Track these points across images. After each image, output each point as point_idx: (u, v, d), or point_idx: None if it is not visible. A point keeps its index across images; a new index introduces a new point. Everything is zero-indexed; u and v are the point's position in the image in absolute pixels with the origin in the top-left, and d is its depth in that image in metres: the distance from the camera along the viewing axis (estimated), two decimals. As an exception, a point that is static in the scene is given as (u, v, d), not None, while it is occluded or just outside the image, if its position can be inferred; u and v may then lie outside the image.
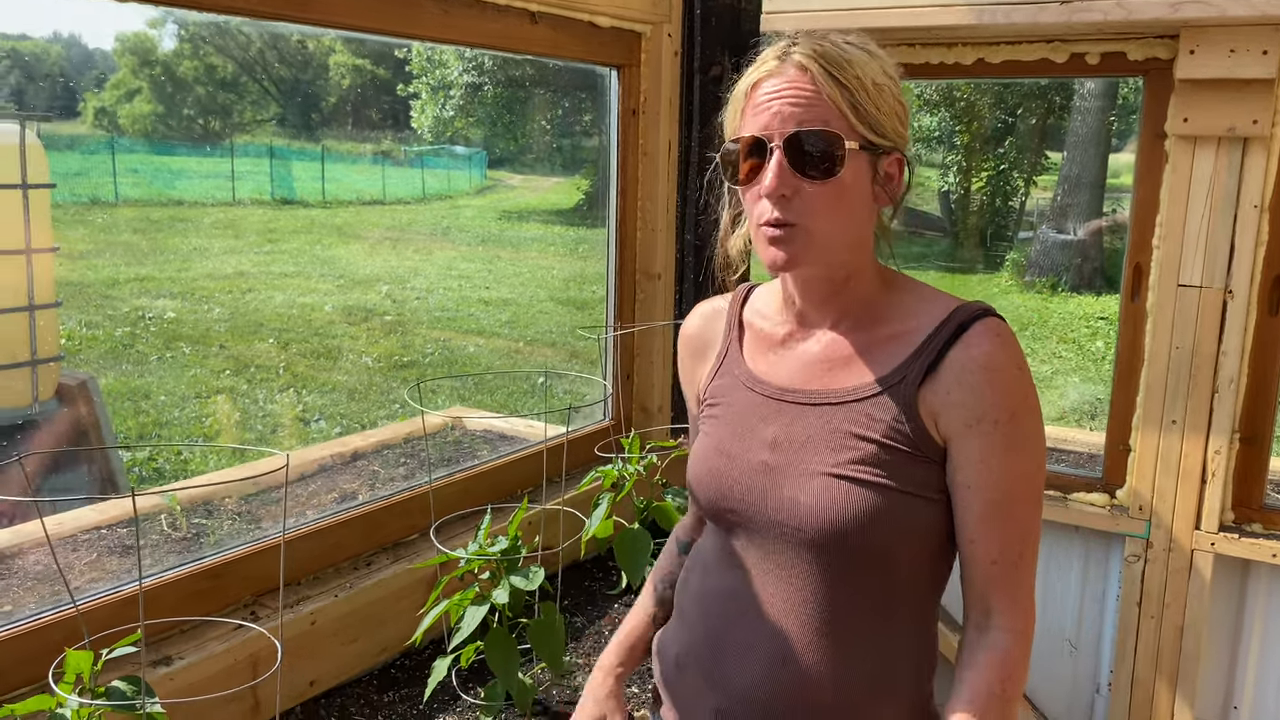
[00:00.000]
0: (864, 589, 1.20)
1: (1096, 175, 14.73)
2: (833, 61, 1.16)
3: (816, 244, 1.18)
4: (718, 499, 1.27)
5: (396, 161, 28.21)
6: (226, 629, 1.85)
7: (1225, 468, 2.40)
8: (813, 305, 1.27)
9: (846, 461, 1.18)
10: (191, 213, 17.27)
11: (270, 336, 8.82)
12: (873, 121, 1.17)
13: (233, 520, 2.57)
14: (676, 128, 2.86)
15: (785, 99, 1.16)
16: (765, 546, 1.23)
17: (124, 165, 21.59)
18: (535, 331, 9.99)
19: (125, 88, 32.45)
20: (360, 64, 32.84)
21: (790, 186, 1.15)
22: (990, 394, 1.16)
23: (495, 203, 23.33)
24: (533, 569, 1.87)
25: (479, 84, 21.68)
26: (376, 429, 3.20)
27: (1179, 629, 2.48)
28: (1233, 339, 2.35)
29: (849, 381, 1.22)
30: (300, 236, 15.37)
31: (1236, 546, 2.40)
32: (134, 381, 7.24)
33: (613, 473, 2.40)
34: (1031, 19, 2.32)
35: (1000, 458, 1.17)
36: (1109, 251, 14.24)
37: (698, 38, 2.85)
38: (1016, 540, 1.19)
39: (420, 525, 2.32)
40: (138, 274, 11.00)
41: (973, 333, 1.18)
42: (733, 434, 1.29)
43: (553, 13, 2.44)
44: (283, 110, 33.31)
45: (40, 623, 1.64)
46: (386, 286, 11.54)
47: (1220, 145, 2.30)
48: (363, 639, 2.08)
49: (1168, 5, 2.18)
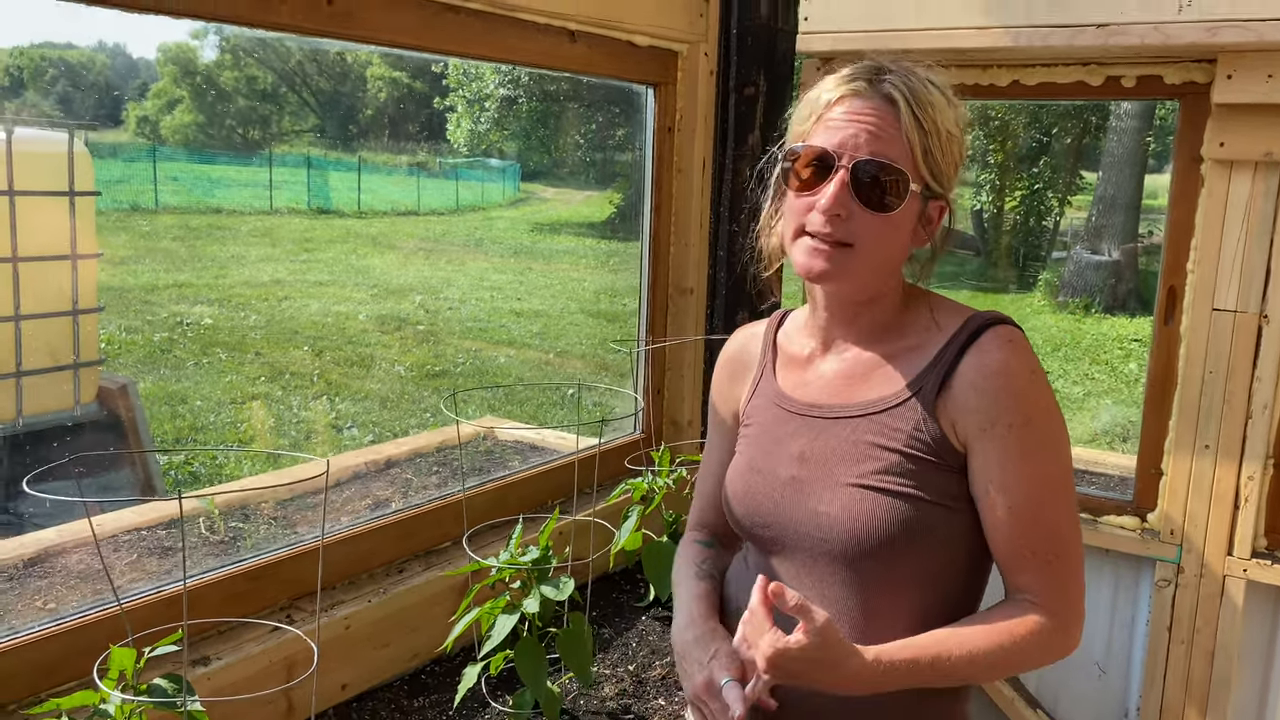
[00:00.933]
0: (897, 602, 1.22)
1: (1132, 196, 14.61)
2: (920, 102, 1.19)
3: (854, 266, 1.21)
4: (751, 515, 1.30)
5: (431, 173, 28.44)
6: (263, 631, 1.89)
7: (1259, 493, 2.39)
8: (838, 323, 1.30)
9: (870, 472, 1.20)
10: (230, 221, 17.52)
11: (305, 344, 8.92)
12: (936, 168, 1.20)
13: (269, 525, 2.62)
14: (711, 145, 2.89)
15: (865, 124, 1.18)
16: (798, 561, 1.25)
17: (164, 173, 21.93)
18: (565, 343, 10.04)
19: (167, 97, 32.97)
20: (397, 76, 33.19)
21: (846, 208, 1.18)
22: (1004, 399, 1.18)
23: (528, 215, 23.47)
24: (563, 579, 1.89)
25: (514, 97, 21.86)
26: (410, 437, 3.25)
27: (1210, 655, 2.46)
28: (1268, 364, 2.34)
29: (870, 394, 1.25)
30: (336, 246, 15.55)
31: (1270, 573, 2.38)
32: (171, 386, 7.35)
33: (642, 485, 2.43)
34: (1068, 42, 2.33)
35: (1017, 462, 1.18)
36: (1144, 273, 14.11)
37: (733, 57, 2.88)
38: (1047, 540, 1.20)
39: (452, 534, 2.35)
40: (176, 280, 11.17)
41: (985, 339, 1.21)
42: (763, 451, 1.32)
43: (591, 31, 2.48)
44: (321, 121, 33.71)
45: (85, 620, 1.68)
46: (420, 296, 11.64)
47: (1257, 170, 2.30)
48: (395, 644, 2.11)
49: (1205, 30, 2.18)
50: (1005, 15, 2.38)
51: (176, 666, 1.69)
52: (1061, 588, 1.21)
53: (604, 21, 2.46)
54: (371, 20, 1.98)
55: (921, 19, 2.50)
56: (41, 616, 1.87)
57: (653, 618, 2.47)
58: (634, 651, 2.31)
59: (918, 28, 2.50)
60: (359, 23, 1.95)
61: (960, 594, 1.26)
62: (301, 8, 1.83)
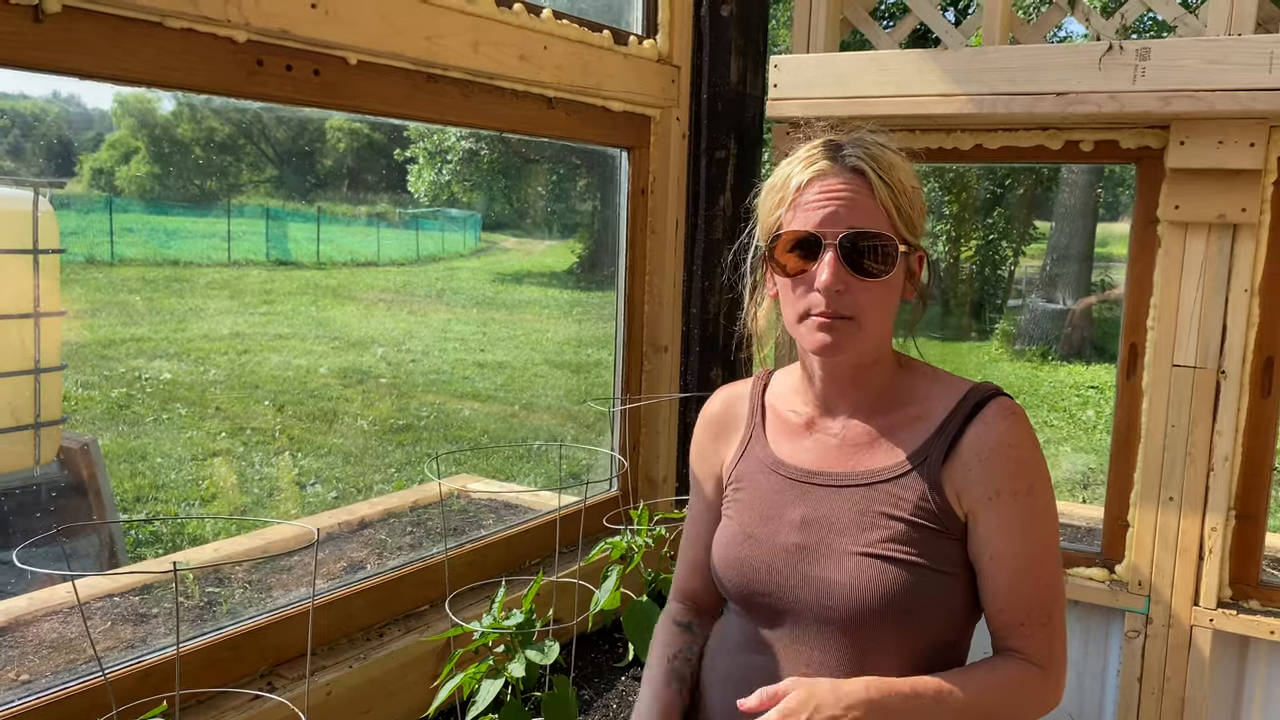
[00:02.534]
0: (891, 666, 1.24)
1: (1084, 246, 14.96)
2: (883, 166, 1.24)
3: (864, 335, 1.25)
4: (747, 584, 1.32)
5: (391, 223, 28.38)
6: (242, 700, 1.87)
7: (1222, 544, 2.45)
8: (837, 391, 1.33)
9: (878, 540, 1.23)
10: (188, 273, 17.37)
11: (266, 398, 8.84)
12: (910, 224, 1.25)
13: (244, 589, 2.59)
14: (683, 206, 2.94)
15: (840, 200, 1.23)
16: (795, 628, 1.27)
17: (120, 225, 21.70)
18: (531, 395, 10.03)
19: (123, 148, 32.74)
20: (356, 128, 33.22)
21: (843, 282, 1.22)
22: (1009, 468, 1.23)
23: (489, 265, 23.49)
24: (547, 643, 1.89)
25: (476, 150, 21.98)
26: (383, 497, 3.23)
27: (1180, 704, 2.51)
28: (1226, 418, 2.41)
29: (874, 463, 1.28)
30: (296, 298, 15.46)
31: (1235, 623, 2.44)
32: (130, 443, 7.24)
33: (621, 544, 2.44)
34: (1029, 109, 2.42)
35: (1020, 527, 1.23)
36: (1098, 320, 14.40)
37: (704, 121, 2.95)
38: (1043, 602, 1.24)
39: (430, 596, 2.34)
40: (134, 334, 11.04)
41: (989, 411, 1.26)
42: (759, 518, 1.33)
43: (568, 98, 2.53)
44: (279, 172, 33.61)
45: (68, 691, 1.66)
46: (382, 349, 11.59)
47: (1211, 231, 2.39)
48: (375, 710, 2.09)
49: (1159, 99, 2.28)
50: (969, 84, 2.46)
51: (159, 739, 1.67)
52: (1050, 646, 1.25)
53: (580, 89, 2.51)
54: (356, 91, 2.01)
55: (887, 86, 2.58)
56: (16, 688, 1.84)
57: (632, 678, 2.47)
58: (615, 713, 2.31)
59: (883, 94, 2.58)
60: (344, 93, 1.99)
61: (949, 657, 1.29)
62: (290, 80, 1.86)
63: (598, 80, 2.54)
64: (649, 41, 2.76)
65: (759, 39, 3.00)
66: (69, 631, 2.19)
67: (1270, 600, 2.49)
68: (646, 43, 2.75)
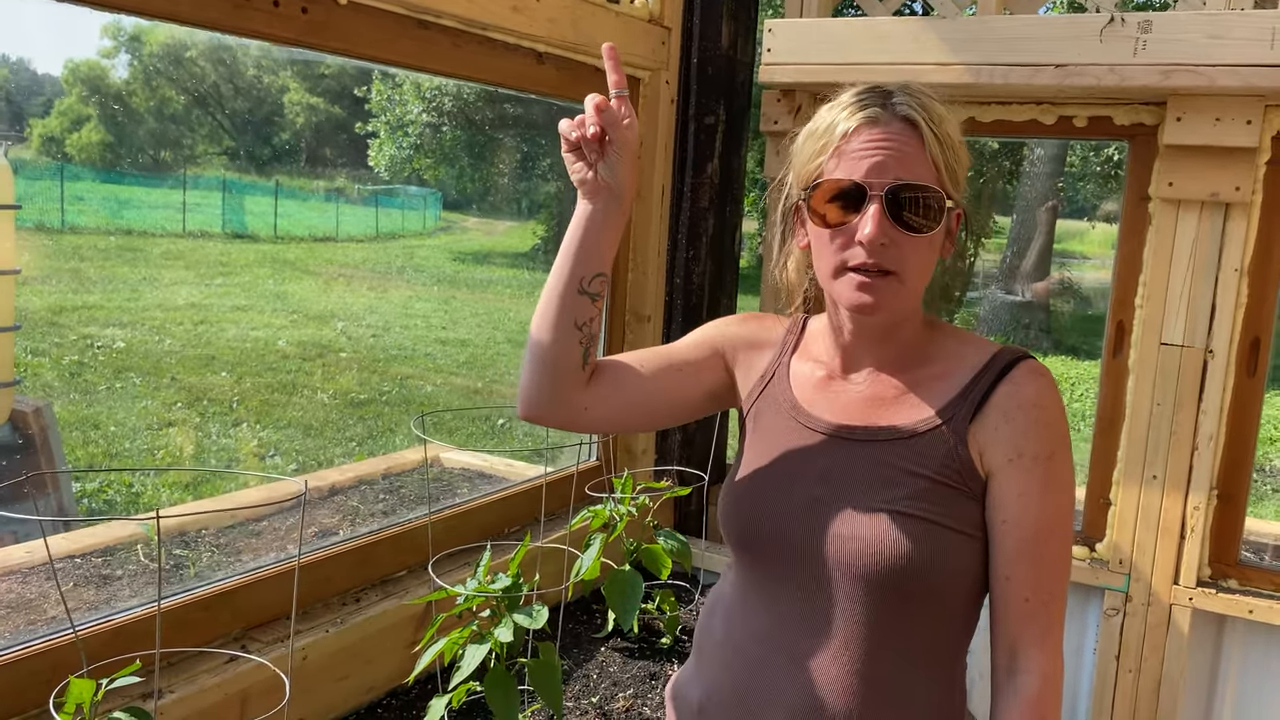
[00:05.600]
0: (905, 632, 1.20)
1: (1045, 238, 15.12)
2: (935, 118, 1.18)
3: (904, 292, 1.19)
4: (754, 533, 1.26)
5: (350, 199, 28.03)
6: (217, 661, 1.80)
7: (1203, 524, 2.45)
8: (865, 346, 1.29)
9: (902, 497, 1.18)
10: (141, 242, 16.99)
11: (223, 369, 8.66)
12: (955, 179, 1.20)
13: (211, 552, 2.51)
14: (670, 173, 2.89)
15: (888, 150, 1.17)
16: (807, 586, 1.22)
17: (70, 192, 21.20)
18: (494, 373, 9.93)
19: (74, 115, 31.97)
20: (315, 102, 32.74)
21: (887, 235, 1.16)
22: (1035, 430, 1.19)
23: (449, 244, 23.27)
24: (536, 607, 1.84)
25: (438, 124, 21.73)
26: (354, 463, 3.15)
27: (1157, 682, 2.51)
28: (1212, 398, 2.41)
29: (899, 419, 1.24)
30: (252, 270, 15.18)
31: (1214, 602, 2.45)
32: (83, 410, 7.05)
33: (604, 513, 2.39)
34: (1026, 81, 2.39)
35: (1038, 494, 1.19)
36: (1054, 313, 14.57)
37: (693, 86, 2.89)
38: (1049, 578, 1.21)
39: (408, 562, 2.28)
40: (86, 301, 10.76)
41: (1019, 371, 1.22)
42: (776, 466, 1.29)
43: (558, 54, 2.46)
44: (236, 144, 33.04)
45: (27, 651, 1.58)
46: (342, 323, 11.42)
47: (1203, 210, 2.38)
48: (353, 676, 2.03)
49: (1160, 73, 2.26)
50: (967, 53, 2.43)
51: (129, 700, 1.59)
52: (1050, 630, 1.21)
53: (571, 45, 2.44)
54: (344, 32, 1.93)
55: (882, 54, 2.54)
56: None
57: (612, 648, 2.43)
58: (595, 683, 2.26)
59: (879, 62, 2.54)
60: (332, 34, 1.91)
61: (962, 619, 1.26)
62: (277, 17, 1.78)
63: (589, 37, 2.48)
64: (640, 0, 2.70)
65: (751, 4, 2.94)
66: (27, 592, 2.10)
67: (1248, 579, 2.50)
68: (638, 1, 2.69)
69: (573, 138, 1.23)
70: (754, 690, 1.26)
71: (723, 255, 3.00)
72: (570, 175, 1.26)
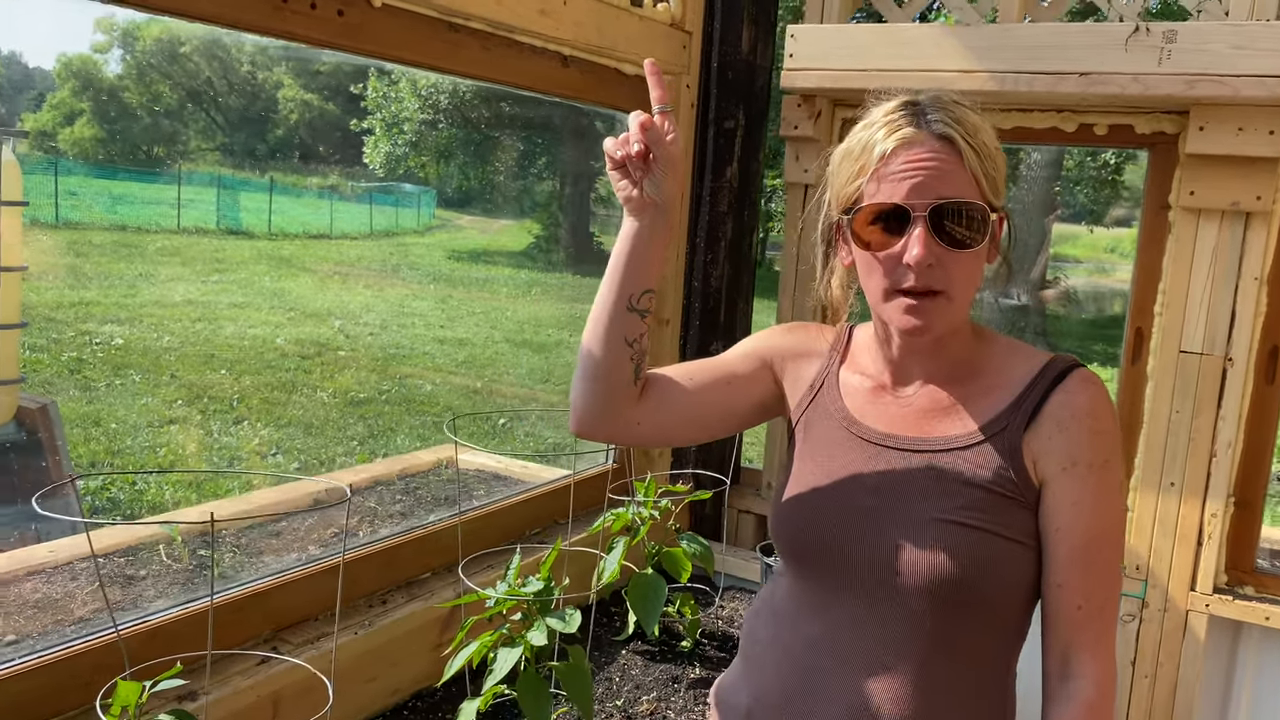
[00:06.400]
0: (958, 640, 1.21)
1: (1040, 242, 15.18)
2: (969, 129, 1.18)
3: (953, 309, 1.20)
4: (815, 542, 1.27)
5: (344, 196, 27.96)
6: (249, 663, 1.80)
7: (1220, 531, 2.47)
8: (915, 360, 1.29)
9: (958, 507, 1.19)
10: (136, 238, 16.93)
11: (222, 367, 8.64)
12: (995, 188, 1.21)
13: (233, 553, 2.50)
14: (690, 177, 2.89)
15: (928, 169, 1.17)
16: (863, 595, 1.23)
17: (63, 187, 21.10)
18: (494, 372, 9.92)
19: (66, 109, 31.84)
20: (309, 99, 32.67)
21: (934, 256, 1.17)
22: (1088, 439, 1.20)
23: (443, 242, 23.24)
24: (568, 611, 1.85)
25: (434, 121, 21.70)
26: (369, 464, 3.15)
27: (1173, 688, 2.53)
28: (1231, 405, 2.43)
29: (953, 430, 1.24)
30: (248, 267, 15.14)
31: (1230, 608, 2.46)
32: (83, 408, 7.03)
33: (625, 516, 2.40)
34: (1050, 88, 2.40)
35: (1091, 502, 1.20)
36: (1050, 317, 14.61)
37: (713, 90, 2.90)
38: (1101, 586, 1.21)
39: (433, 564, 2.28)
40: (83, 298, 10.73)
41: (1072, 380, 1.23)
42: (829, 476, 1.29)
43: (583, 57, 2.47)
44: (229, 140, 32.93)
45: (71, 650, 1.57)
46: (339, 321, 11.40)
47: (1224, 218, 2.40)
48: (381, 678, 2.03)
49: (1184, 82, 2.27)
50: (991, 61, 2.44)
51: (167, 701, 1.59)
52: (1103, 639, 1.22)
53: (596, 48, 2.45)
54: (378, 35, 1.93)
55: (906, 60, 2.55)
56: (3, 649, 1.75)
57: (633, 651, 2.43)
58: (618, 686, 2.27)
59: (902, 68, 2.55)
60: (366, 37, 1.91)
61: (1015, 627, 1.27)
62: (314, 19, 1.78)
63: (612, 41, 2.48)
64: (663, 5, 2.70)
65: (771, 9, 2.95)
66: (53, 592, 2.10)
67: (1264, 586, 2.51)
68: (660, 5, 2.69)
69: (618, 156, 1.23)
70: (804, 694, 1.27)
71: (740, 259, 3.00)
72: (616, 193, 1.26)
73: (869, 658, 1.22)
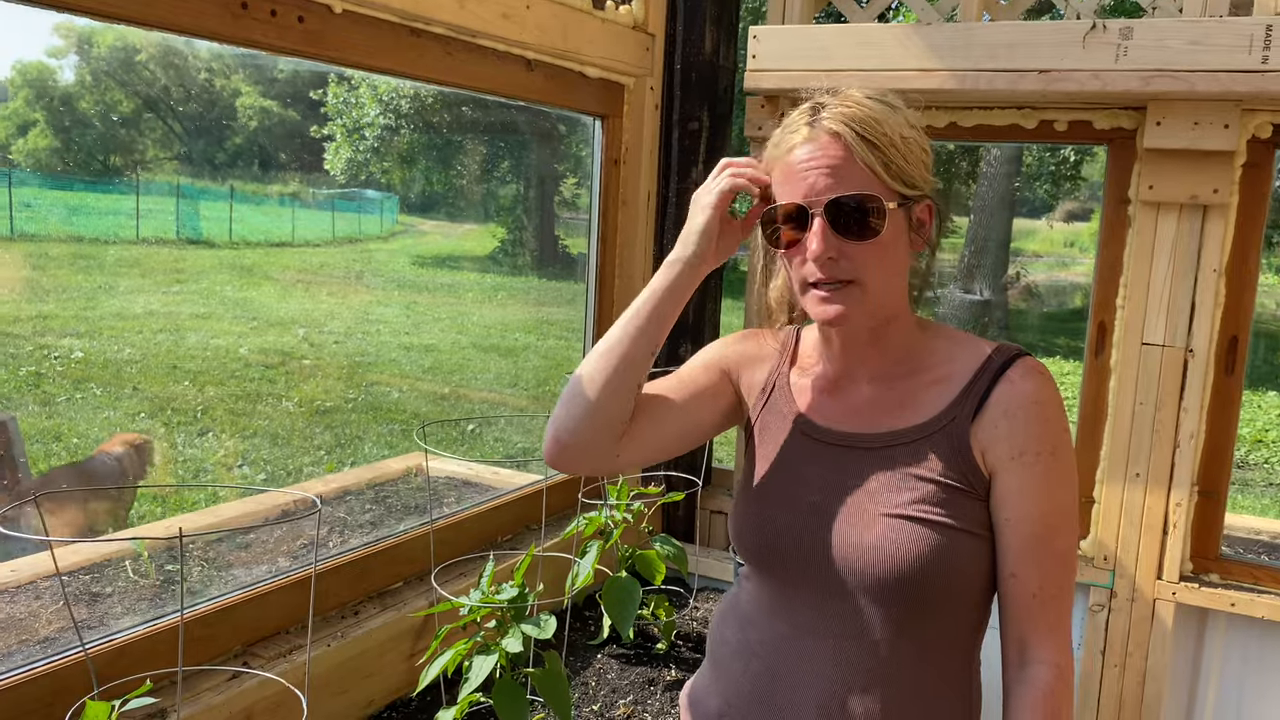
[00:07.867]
0: (920, 635, 1.22)
1: (1002, 237, 15.34)
2: (862, 123, 1.21)
3: (868, 296, 1.22)
4: (772, 544, 1.28)
5: (305, 203, 27.70)
6: (220, 679, 1.77)
7: (1185, 520, 2.50)
8: (856, 354, 1.31)
9: (908, 502, 1.20)
10: (92, 250, 16.66)
11: (185, 379, 8.53)
12: (904, 175, 1.22)
13: (201, 567, 2.47)
14: (656, 179, 2.89)
15: (820, 168, 1.21)
16: (820, 593, 1.24)
17: (18, 199, 20.74)
18: (461, 377, 9.87)
19: (19, 120, 31.30)
20: (268, 105, 32.34)
21: (835, 249, 1.20)
22: (1035, 427, 1.21)
23: (408, 247, 23.10)
24: (543, 617, 1.84)
25: (396, 127, 21.56)
26: (338, 474, 3.12)
27: (1142, 676, 2.56)
28: (1193, 396, 2.46)
29: (901, 424, 1.26)
30: (209, 276, 14.96)
31: (1197, 596, 2.50)
32: (42, 422, 6.91)
33: (598, 519, 2.39)
34: (1011, 86, 2.43)
35: (1041, 490, 1.21)
36: (1013, 312, 14.77)
37: (677, 92, 2.90)
38: (1056, 573, 1.23)
39: (405, 573, 2.26)
40: (40, 311, 10.54)
41: (1016, 370, 1.24)
42: (783, 477, 1.30)
43: (547, 61, 2.46)
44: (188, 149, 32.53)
45: (36, 671, 1.55)
46: (303, 330, 11.28)
47: (1182, 212, 2.43)
48: (352, 691, 2.01)
49: (1140, 78, 2.30)
50: (953, 59, 2.46)
51: (137, 721, 1.57)
52: (1059, 625, 1.23)
53: (560, 52, 2.44)
54: (339, 41, 1.92)
55: (866, 60, 2.56)
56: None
57: (608, 655, 2.43)
58: (594, 691, 2.26)
59: (865, 68, 2.56)
60: (328, 43, 1.89)
61: (975, 616, 1.28)
62: (274, 26, 1.76)
63: (576, 44, 2.48)
64: (625, 7, 2.70)
65: (733, 10, 2.96)
66: (16, 611, 2.06)
67: (1229, 573, 2.55)
68: (623, 9, 2.69)
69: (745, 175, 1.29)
70: (774, 694, 1.27)
71: (707, 260, 3.01)
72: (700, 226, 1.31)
73: (834, 655, 1.23)
